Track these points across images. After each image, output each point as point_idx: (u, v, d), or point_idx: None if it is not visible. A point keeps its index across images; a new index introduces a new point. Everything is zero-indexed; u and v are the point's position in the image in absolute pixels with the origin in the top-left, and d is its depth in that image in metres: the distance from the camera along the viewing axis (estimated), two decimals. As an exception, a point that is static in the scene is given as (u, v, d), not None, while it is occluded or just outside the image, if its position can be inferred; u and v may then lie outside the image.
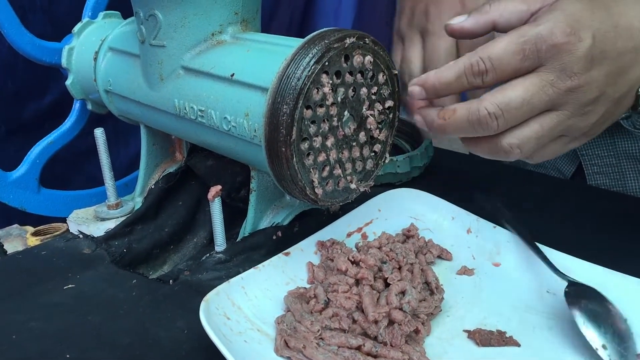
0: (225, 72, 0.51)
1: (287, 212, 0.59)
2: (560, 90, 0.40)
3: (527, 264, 0.54)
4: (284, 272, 0.52)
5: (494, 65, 0.41)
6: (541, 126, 0.42)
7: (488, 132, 0.42)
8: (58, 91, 1.08)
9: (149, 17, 0.55)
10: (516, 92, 0.40)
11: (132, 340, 0.46)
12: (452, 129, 0.43)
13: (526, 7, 0.43)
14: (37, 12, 1.01)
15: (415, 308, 0.46)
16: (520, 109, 0.41)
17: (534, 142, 0.43)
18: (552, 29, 0.40)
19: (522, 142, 0.42)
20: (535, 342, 0.45)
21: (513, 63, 0.41)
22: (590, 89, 0.41)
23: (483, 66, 0.41)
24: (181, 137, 0.65)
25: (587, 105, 0.42)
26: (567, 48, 0.40)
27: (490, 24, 0.45)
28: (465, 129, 0.42)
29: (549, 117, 0.42)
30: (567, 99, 0.41)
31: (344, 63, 0.46)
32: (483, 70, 0.41)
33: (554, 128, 0.42)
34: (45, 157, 0.73)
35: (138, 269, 0.60)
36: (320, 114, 0.46)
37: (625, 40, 0.42)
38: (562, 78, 0.40)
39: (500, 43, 0.41)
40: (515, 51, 0.40)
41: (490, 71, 0.41)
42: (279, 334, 0.44)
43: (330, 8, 1.63)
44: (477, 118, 0.41)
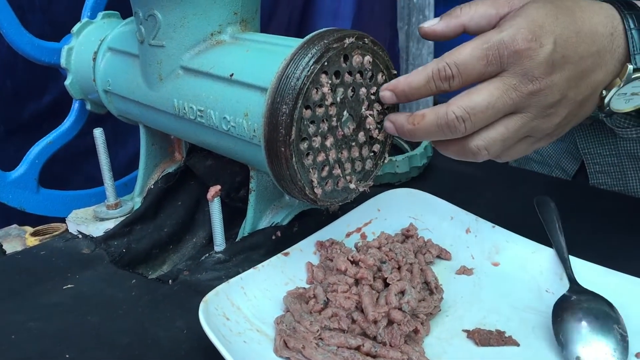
0: (225, 72, 0.51)
1: (287, 212, 0.59)
2: (523, 93, 0.42)
3: (526, 263, 0.54)
4: (283, 272, 0.52)
5: (460, 71, 0.42)
6: (506, 128, 0.44)
7: (456, 134, 0.43)
8: (57, 91, 1.08)
9: (148, 17, 0.55)
10: (481, 96, 0.42)
11: (131, 340, 0.46)
12: (422, 133, 0.45)
13: (495, 11, 0.45)
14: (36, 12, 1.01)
15: (414, 308, 0.46)
16: (486, 112, 0.42)
17: (500, 144, 0.44)
18: (514, 35, 0.41)
19: (488, 144, 0.44)
20: (534, 341, 0.45)
21: (478, 68, 0.42)
22: (551, 92, 0.43)
23: (450, 71, 0.42)
24: (180, 137, 0.65)
25: (550, 108, 0.43)
26: (528, 54, 0.41)
27: (461, 27, 0.46)
28: (435, 133, 0.44)
29: (514, 119, 0.43)
30: (530, 102, 0.43)
31: (343, 63, 0.46)
32: (450, 76, 0.42)
33: (518, 130, 0.44)
34: (45, 157, 0.73)
35: (137, 269, 0.60)
36: (319, 114, 0.46)
37: (587, 45, 0.43)
38: (524, 82, 0.42)
39: (466, 49, 0.42)
40: (480, 57, 0.42)
41: (456, 76, 0.42)
42: (278, 334, 0.44)
43: (329, 8, 1.63)
44: (445, 122, 0.43)
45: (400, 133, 0.47)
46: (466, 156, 0.46)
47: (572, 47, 0.43)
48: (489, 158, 0.46)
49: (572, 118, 0.46)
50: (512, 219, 0.58)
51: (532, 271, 0.53)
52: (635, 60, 0.44)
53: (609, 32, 0.44)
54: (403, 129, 0.46)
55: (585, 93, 0.45)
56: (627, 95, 0.46)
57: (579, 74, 0.44)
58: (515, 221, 0.57)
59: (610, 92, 0.46)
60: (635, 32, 0.44)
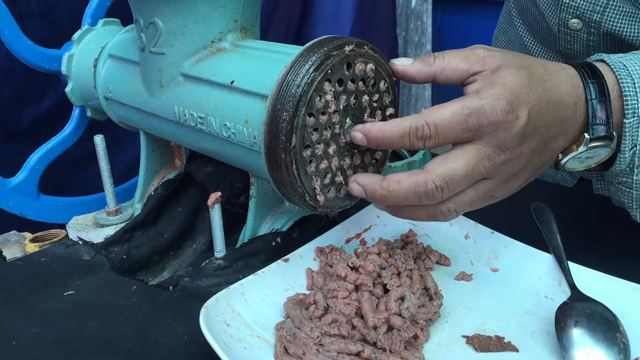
0: (225, 80, 0.51)
1: (286, 218, 0.59)
2: (495, 163, 0.43)
3: (525, 269, 0.54)
4: (284, 279, 0.52)
5: (438, 132, 0.43)
6: (476, 193, 0.45)
7: (431, 202, 0.44)
8: (55, 97, 1.09)
9: (149, 24, 0.55)
10: (458, 164, 0.43)
11: (132, 346, 0.46)
12: (396, 200, 0.45)
13: (467, 67, 0.45)
14: (34, 18, 1.01)
15: (414, 314, 0.46)
16: (462, 181, 0.43)
17: (468, 205, 0.46)
18: (494, 106, 0.42)
19: (459, 207, 0.45)
20: (533, 347, 0.46)
21: (455, 132, 0.43)
22: (519, 162, 0.44)
23: (427, 132, 0.43)
24: (181, 143, 0.65)
25: (514, 175, 0.45)
26: (505, 126, 0.42)
27: (431, 77, 0.47)
28: (410, 200, 0.44)
29: (483, 185, 0.45)
30: (499, 170, 0.44)
31: (347, 71, 0.47)
32: (427, 135, 0.43)
33: (485, 193, 0.46)
34: (45, 163, 0.73)
35: (138, 275, 0.60)
36: (322, 121, 0.46)
37: (554, 114, 0.45)
38: (498, 152, 0.43)
39: (447, 111, 0.43)
40: (460, 122, 0.42)
41: (433, 137, 0.43)
42: (279, 341, 0.44)
43: (328, 14, 1.63)
44: (424, 191, 0.43)
45: (371, 197, 0.46)
46: (435, 218, 0.47)
47: (541, 117, 0.44)
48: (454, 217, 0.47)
49: (530, 178, 0.48)
50: (511, 224, 0.58)
51: (530, 277, 0.53)
52: (592, 130, 0.46)
53: (573, 101, 0.46)
54: (375, 194, 0.46)
55: (545, 159, 0.47)
56: (581, 158, 0.48)
57: (544, 143, 0.45)
58: (514, 227, 0.58)
59: (567, 157, 0.48)
60: (595, 102, 0.46)
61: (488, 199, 0.47)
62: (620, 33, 0.61)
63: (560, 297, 0.49)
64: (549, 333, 0.46)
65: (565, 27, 0.66)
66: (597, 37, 0.64)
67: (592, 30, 0.64)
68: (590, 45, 0.65)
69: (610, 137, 0.46)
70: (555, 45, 0.70)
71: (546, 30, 0.71)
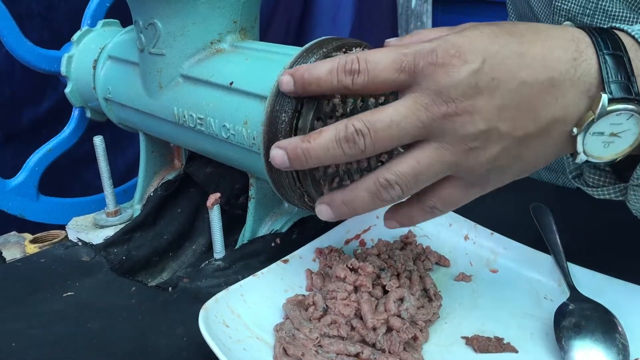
0: (224, 81, 0.51)
1: (286, 219, 0.59)
2: (435, 116, 0.36)
3: (524, 270, 0.54)
4: (283, 280, 0.52)
5: (368, 68, 0.37)
6: (417, 160, 0.38)
7: (355, 152, 0.38)
8: (55, 98, 1.09)
9: (149, 25, 0.55)
10: (386, 112, 0.37)
11: (132, 347, 0.46)
12: (319, 151, 0.39)
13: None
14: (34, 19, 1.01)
15: (413, 315, 0.46)
16: (388, 131, 0.37)
17: (412, 179, 0.38)
18: (435, 47, 0.36)
19: (399, 178, 0.38)
20: (533, 348, 0.46)
21: (388, 71, 0.37)
22: (472, 120, 0.36)
23: (356, 65, 0.37)
24: (180, 144, 0.65)
25: (472, 140, 0.37)
26: (446, 70, 0.35)
27: None
28: (332, 150, 0.38)
29: (424, 149, 0.38)
30: (444, 128, 0.36)
31: None
32: (355, 70, 0.37)
33: (432, 164, 0.38)
34: (44, 164, 0.73)
35: (137, 276, 0.60)
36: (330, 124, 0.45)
37: (534, 70, 0.36)
38: (437, 102, 0.36)
39: (382, 50, 0.38)
40: (394, 60, 0.37)
41: (362, 72, 0.37)
42: (278, 342, 0.44)
43: (328, 14, 1.63)
44: (344, 135, 0.37)
45: (292, 157, 0.40)
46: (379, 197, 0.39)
47: (508, 69, 0.36)
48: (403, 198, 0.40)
49: (513, 160, 0.38)
50: (510, 225, 0.58)
51: (530, 278, 0.53)
52: (611, 89, 0.36)
53: (571, 56, 0.36)
54: (296, 150, 0.39)
55: (529, 129, 0.37)
56: (604, 135, 0.37)
57: (518, 103, 0.36)
58: (514, 228, 0.58)
59: (583, 130, 0.37)
60: (609, 57, 0.36)
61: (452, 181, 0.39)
62: None
63: (560, 298, 0.49)
64: (548, 334, 0.46)
65: None
66: None
67: None
68: None
69: (637, 99, 0.36)
70: None
71: None
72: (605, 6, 0.60)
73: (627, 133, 0.37)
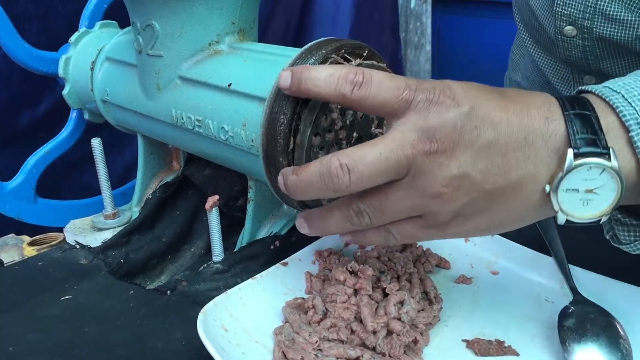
0: (223, 82, 0.51)
1: (285, 221, 0.59)
2: (418, 152, 0.36)
3: (525, 272, 0.54)
4: (282, 283, 0.52)
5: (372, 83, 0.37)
6: (387, 196, 0.39)
7: (339, 188, 0.37)
8: (53, 100, 1.08)
9: (146, 27, 0.55)
10: (375, 146, 0.37)
11: (130, 352, 0.45)
12: (305, 184, 0.39)
13: None
14: (32, 21, 1.01)
15: (413, 318, 0.46)
16: (376, 166, 0.36)
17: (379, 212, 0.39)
18: (435, 86, 0.37)
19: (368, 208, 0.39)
20: (534, 351, 0.45)
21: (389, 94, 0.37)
22: (449, 163, 0.36)
23: (360, 78, 0.38)
24: (178, 146, 0.65)
25: (443, 185, 0.37)
26: (439, 108, 0.36)
27: None
28: (317, 184, 0.38)
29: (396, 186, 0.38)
30: (423, 165, 0.37)
31: None
32: (359, 81, 0.38)
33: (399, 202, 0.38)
34: (42, 167, 0.73)
35: (135, 279, 0.59)
36: (329, 139, 0.45)
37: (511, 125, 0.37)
38: (423, 140, 0.36)
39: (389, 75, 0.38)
40: (398, 86, 0.37)
41: (364, 86, 0.38)
42: (277, 346, 0.44)
43: (327, 15, 1.63)
44: (327, 170, 0.37)
45: (285, 186, 0.41)
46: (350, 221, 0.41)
47: (490, 120, 0.36)
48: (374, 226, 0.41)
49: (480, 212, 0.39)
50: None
51: (531, 280, 0.53)
52: (577, 143, 0.36)
53: (544, 115, 0.37)
54: (287, 180, 0.41)
55: (500, 183, 0.37)
56: (580, 192, 0.37)
57: (493, 156, 0.37)
58: (515, 230, 0.57)
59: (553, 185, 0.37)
60: (575, 116, 0.37)
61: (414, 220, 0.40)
62: (611, 37, 0.62)
63: (562, 301, 0.48)
64: (550, 337, 0.46)
65: (561, 34, 0.67)
66: (591, 42, 0.65)
67: (585, 36, 0.64)
68: (586, 50, 0.66)
69: (604, 153, 0.36)
70: (556, 53, 0.71)
71: (547, 39, 0.72)
72: (604, 9, 0.60)
73: (603, 189, 0.37)
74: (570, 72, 0.73)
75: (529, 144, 0.37)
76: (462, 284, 0.54)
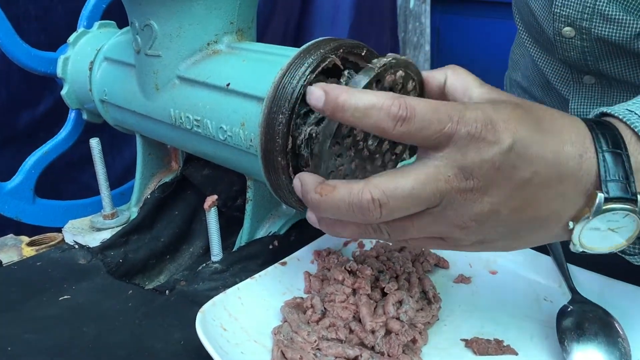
0: (221, 82, 0.51)
1: (284, 221, 0.59)
2: (452, 188, 0.35)
3: (524, 271, 0.54)
4: (281, 282, 0.52)
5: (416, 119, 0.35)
6: (412, 223, 0.37)
7: (368, 220, 0.36)
8: (52, 100, 1.08)
9: (145, 27, 0.55)
10: (407, 178, 0.35)
11: (128, 352, 0.45)
12: (327, 208, 0.37)
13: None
14: (31, 21, 1.01)
15: (412, 317, 0.46)
16: (407, 200, 0.35)
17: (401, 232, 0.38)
18: (476, 117, 0.35)
19: (390, 228, 0.38)
20: (533, 350, 0.45)
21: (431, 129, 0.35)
22: (481, 200, 0.36)
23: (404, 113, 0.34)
24: (177, 146, 0.65)
25: (470, 219, 0.36)
26: (480, 145, 0.34)
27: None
28: (343, 212, 0.36)
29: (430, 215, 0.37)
30: (454, 200, 0.36)
31: (375, 87, 0.42)
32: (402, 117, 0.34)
33: (423, 227, 0.38)
34: (41, 167, 0.73)
35: (134, 279, 0.59)
36: (346, 144, 0.44)
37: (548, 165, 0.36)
38: (459, 177, 0.35)
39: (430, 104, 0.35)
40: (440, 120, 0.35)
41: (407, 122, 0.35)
42: (276, 345, 0.44)
43: (326, 15, 1.63)
44: (358, 201, 0.35)
45: (304, 199, 0.39)
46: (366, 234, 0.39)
47: (527, 159, 0.35)
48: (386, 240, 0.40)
49: (500, 238, 0.39)
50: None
51: (530, 279, 0.53)
52: (607, 188, 0.36)
53: (578, 152, 0.36)
54: (307, 195, 0.38)
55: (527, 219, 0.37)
56: (601, 230, 0.37)
57: (526, 194, 0.36)
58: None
59: (579, 226, 0.37)
60: (608, 154, 0.36)
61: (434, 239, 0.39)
62: (609, 37, 0.62)
63: (560, 300, 0.48)
64: (549, 336, 0.46)
65: (560, 35, 0.67)
66: (590, 43, 0.65)
67: (584, 37, 0.65)
68: (585, 51, 0.66)
69: (634, 199, 0.36)
70: (555, 54, 0.71)
71: (546, 40, 0.72)
72: (603, 10, 0.60)
73: (623, 229, 0.37)
74: (570, 72, 0.73)
75: (561, 182, 0.36)
76: (460, 284, 0.54)
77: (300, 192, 0.39)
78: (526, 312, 0.50)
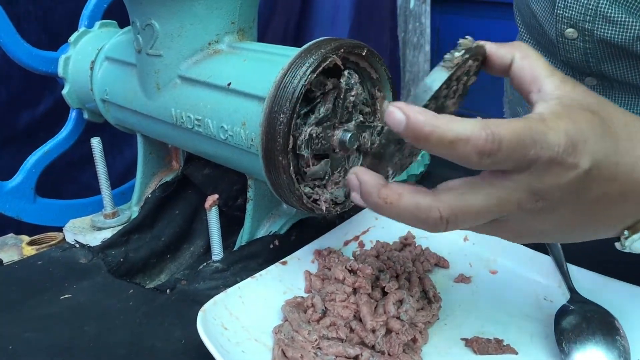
0: (222, 82, 0.51)
1: (284, 220, 0.59)
2: (521, 211, 0.35)
3: (524, 271, 0.54)
4: (281, 281, 0.52)
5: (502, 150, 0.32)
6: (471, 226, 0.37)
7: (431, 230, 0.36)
8: (53, 100, 1.08)
9: (146, 26, 0.55)
10: (477, 200, 0.34)
11: (129, 351, 0.46)
12: (390, 215, 0.36)
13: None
14: (31, 21, 1.01)
15: (412, 317, 0.46)
16: (474, 219, 0.35)
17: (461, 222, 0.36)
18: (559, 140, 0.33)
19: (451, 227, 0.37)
20: (532, 350, 0.45)
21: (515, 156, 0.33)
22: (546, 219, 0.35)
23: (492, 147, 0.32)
24: (178, 146, 0.65)
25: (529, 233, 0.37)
26: (557, 170, 0.33)
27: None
28: (404, 219, 0.36)
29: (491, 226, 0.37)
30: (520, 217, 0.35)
31: None
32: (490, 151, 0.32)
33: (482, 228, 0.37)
34: (41, 166, 0.73)
35: (135, 278, 0.59)
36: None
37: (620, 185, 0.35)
38: (530, 200, 0.34)
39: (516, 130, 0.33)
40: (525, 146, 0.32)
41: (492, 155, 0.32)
42: (277, 344, 0.44)
43: (327, 16, 1.63)
44: (425, 217, 0.35)
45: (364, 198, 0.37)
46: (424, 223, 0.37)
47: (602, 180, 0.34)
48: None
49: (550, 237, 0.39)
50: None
51: (529, 279, 0.53)
52: None
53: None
54: (369, 197, 0.36)
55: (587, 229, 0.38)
56: None
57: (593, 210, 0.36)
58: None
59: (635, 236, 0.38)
60: None
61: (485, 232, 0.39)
62: (612, 39, 0.62)
63: (560, 300, 0.48)
64: (548, 335, 0.46)
65: (562, 37, 0.67)
66: (592, 45, 0.65)
67: (586, 39, 0.65)
68: (587, 52, 0.66)
69: None
70: (557, 55, 0.71)
71: (548, 41, 0.72)
72: (605, 11, 0.60)
73: None
74: (572, 74, 0.73)
75: (629, 198, 0.36)
76: (461, 283, 0.54)
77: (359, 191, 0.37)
78: (526, 311, 0.50)
